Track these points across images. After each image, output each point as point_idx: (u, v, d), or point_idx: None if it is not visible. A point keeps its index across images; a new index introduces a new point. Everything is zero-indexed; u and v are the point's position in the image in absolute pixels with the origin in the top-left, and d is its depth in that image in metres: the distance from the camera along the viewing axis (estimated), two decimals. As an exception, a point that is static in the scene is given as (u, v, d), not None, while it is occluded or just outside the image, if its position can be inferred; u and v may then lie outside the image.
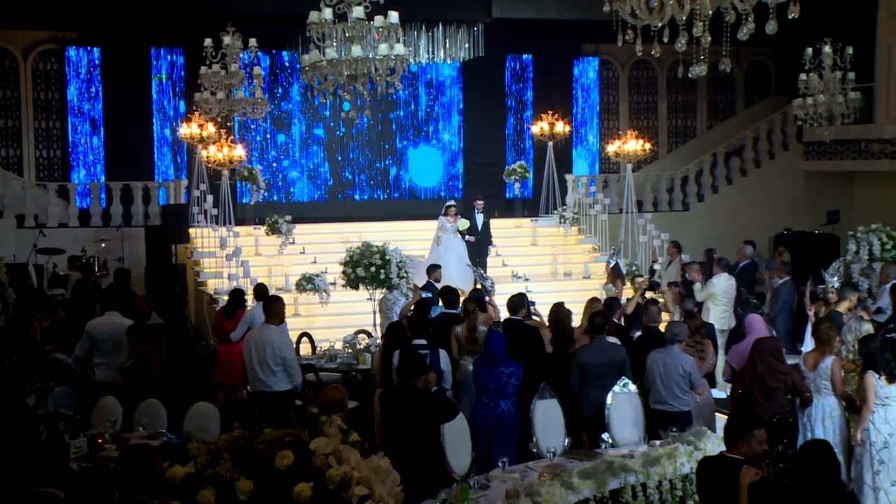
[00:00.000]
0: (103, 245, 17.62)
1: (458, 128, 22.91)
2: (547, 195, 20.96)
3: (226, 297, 16.05)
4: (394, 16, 9.14)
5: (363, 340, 12.77)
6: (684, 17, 6.88)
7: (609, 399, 9.04)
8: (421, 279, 14.07)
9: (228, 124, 15.88)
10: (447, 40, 20.08)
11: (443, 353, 9.53)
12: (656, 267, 13.49)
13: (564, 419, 9.09)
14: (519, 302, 10.87)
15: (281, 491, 3.25)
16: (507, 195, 22.24)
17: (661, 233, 18.40)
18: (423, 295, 11.97)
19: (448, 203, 17.53)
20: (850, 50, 15.11)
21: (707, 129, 24.46)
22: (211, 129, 16.84)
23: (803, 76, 15.28)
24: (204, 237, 17.68)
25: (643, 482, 7.76)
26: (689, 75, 7.38)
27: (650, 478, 7.76)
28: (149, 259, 17.39)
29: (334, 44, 9.00)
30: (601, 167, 23.60)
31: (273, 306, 9.61)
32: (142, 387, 9.35)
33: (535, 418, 8.86)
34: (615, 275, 15.38)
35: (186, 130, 17.40)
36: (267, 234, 17.36)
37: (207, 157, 16.79)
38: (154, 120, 20.43)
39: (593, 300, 11.42)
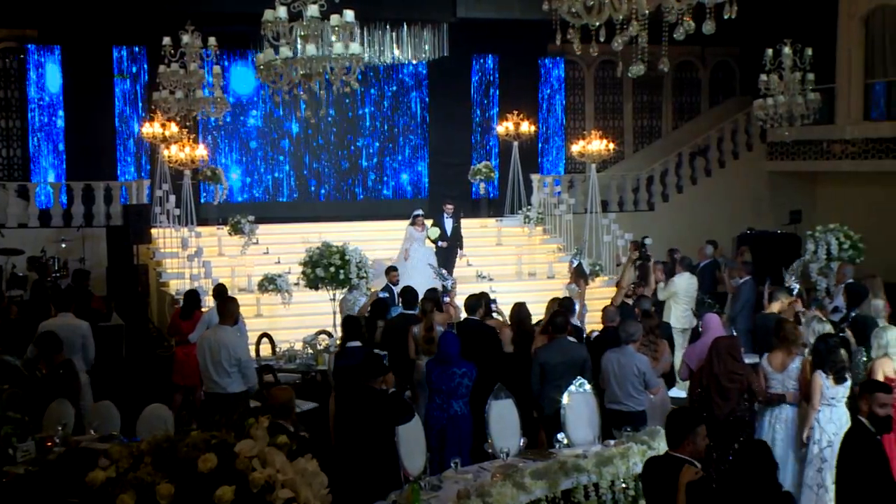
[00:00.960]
0: (63, 245, 17.44)
1: (425, 128, 22.87)
2: (512, 195, 20.98)
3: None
4: (349, 14, 9.09)
5: (323, 341, 12.71)
6: (621, 17, 6.84)
7: (565, 399, 9.02)
8: (382, 281, 14.03)
9: (188, 123, 15.70)
10: (413, 40, 20.03)
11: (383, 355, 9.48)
12: (648, 241, 13.65)
13: (521, 419, 9.07)
14: (476, 302, 10.85)
15: (203, 495, 3.20)
16: (474, 195, 22.22)
17: (624, 232, 18.44)
18: (381, 296, 11.92)
19: (416, 212, 17.28)
20: (809, 51, 15.23)
21: (672, 129, 24.57)
22: (174, 128, 16.72)
23: (764, 77, 15.38)
24: (166, 237, 17.54)
25: (595, 482, 7.76)
26: (629, 74, 7.32)
27: (603, 478, 7.75)
28: (110, 259, 17.16)
29: (288, 43, 8.95)
30: (567, 167, 23.64)
31: (227, 307, 9.52)
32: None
33: (491, 418, 8.82)
34: (578, 274, 15.38)
35: (149, 130, 17.27)
36: (230, 234, 17.25)
37: (169, 156, 16.64)
38: (116, 119, 20.24)
39: (554, 300, 11.41)
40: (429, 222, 17.34)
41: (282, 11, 8.79)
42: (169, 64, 12.84)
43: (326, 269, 12.13)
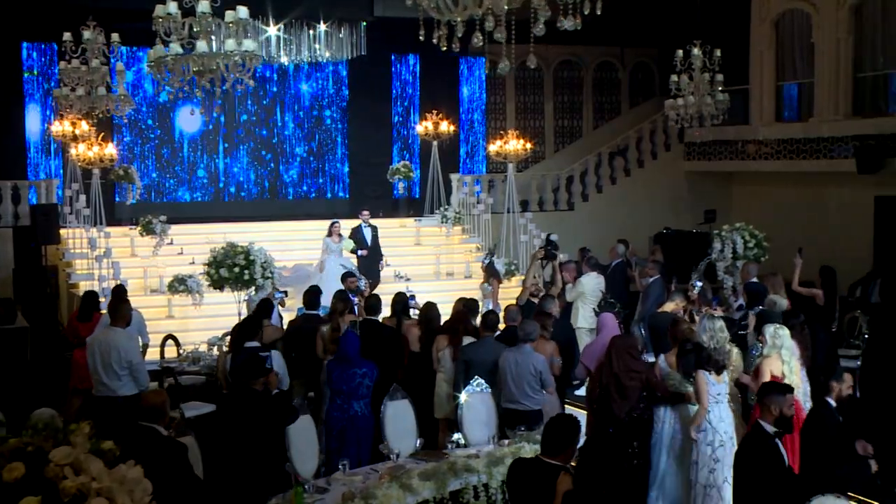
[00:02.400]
0: (-34, 246, 16.98)
1: (344, 127, 22.72)
2: (432, 195, 20.93)
3: (101, 300, 15.69)
4: (243, 10, 8.94)
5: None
6: (481, 13, 6.81)
7: (462, 398, 8.99)
8: (303, 286, 13.77)
9: (98, 121, 15.34)
10: (330, 39, 19.85)
11: (276, 355, 9.35)
12: (554, 237, 13.61)
13: (420, 419, 9.01)
14: (377, 302, 10.77)
15: (8, 505, 3.06)
16: (395, 195, 22.12)
17: (541, 232, 18.47)
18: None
19: (333, 221, 16.89)
20: (717, 52, 15.38)
21: (593, 129, 24.71)
22: (84, 126, 16.37)
23: (674, 77, 15.52)
24: (76, 238, 17.18)
25: (486, 482, 7.71)
26: (498, 71, 7.29)
27: (493, 478, 7.72)
28: (17, 261, 16.75)
29: (181, 39, 8.77)
30: (489, 167, 23.65)
31: (119, 308, 9.33)
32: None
33: (386, 419, 8.75)
34: (490, 273, 15.39)
35: (58, 128, 16.88)
36: (141, 234, 16.92)
37: (77, 155, 16.27)
38: (25, 117, 19.78)
39: (460, 300, 11.39)
40: (346, 231, 16.99)
41: (172, 7, 8.61)
42: (70, 60, 12.54)
43: (230, 269, 11.92)
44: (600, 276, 14.50)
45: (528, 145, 19.20)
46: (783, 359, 8.72)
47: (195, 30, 8.76)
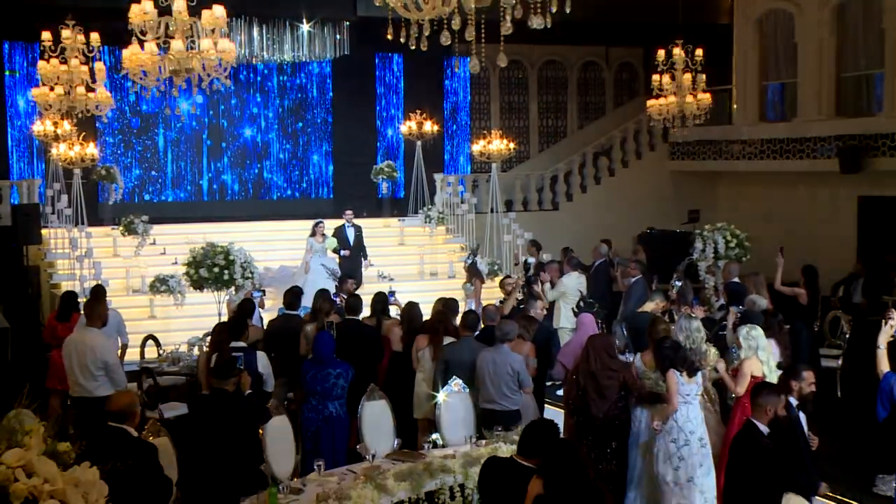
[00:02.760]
0: (-55, 247, 16.84)
1: (329, 127, 22.68)
2: (416, 195, 20.90)
3: (82, 300, 15.61)
4: (219, 10, 8.89)
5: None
6: (448, 11, 6.77)
7: (441, 398, 8.96)
8: (287, 286, 13.71)
9: (81, 120, 15.25)
10: (313, 38, 19.80)
11: (261, 356, 9.30)
12: (531, 261, 13.52)
13: (399, 420, 8.99)
14: (356, 302, 10.73)
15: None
16: (380, 195, 22.06)
17: (524, 232, 18.47)
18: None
19: (317, 221, 16.81)
20: (699, 52, 15.37)
21: (578, 129, 24.71)
22: (67, 126, 16.27)
23: (656, 77, 15.50)
24: (57, 238, 17.10)
25: (462, 483, 7.68)
26: (471, 69, 7.26)
27: (469, 478, 7.68)
28: (-1, 261, 16.66)
29: (157, 38, 8.72)
30: (474, 167, 23.63)
31: (95, 308, 9.27)
32: None
33: (364, 420, 8.72)
34: (472, 273, 15.37)
35: (39, 128, 16.77)
36: (123, 234, 16.87)
37: (58, 155, 16.18)
38: (7, 116, 19.68)
39: (439, 300, 11.36)
40: (329, 231, 16.93)
41: (147, 6, 8.56)
42: (49, 60, 12.46)
43: (210, 269, 11.86)
44: (582, 276, 14.49)
45: (512, 145, 19.20)
46: (761, 359, 8.71)
47: (171, 28, 8.70)
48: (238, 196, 22.29)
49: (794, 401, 7.50)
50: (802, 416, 7.57)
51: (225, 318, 13.08)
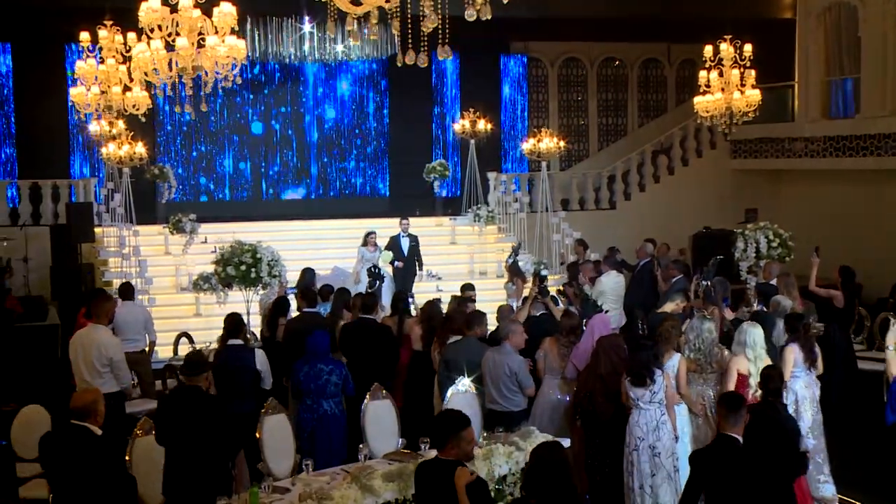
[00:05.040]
0: (5, 244, 17.26)
1: (384, 126, 22.69)
2: (470, 194, 20.75)
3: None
4: (228, 7, 8.86)
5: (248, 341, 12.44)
6: (388, 4, 6.62)
7: (447, 398, 8.83)
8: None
9: (125, 120, 15.47)
10: (365, 37, 19.75)
11: (259, 353, 9.25)
12: (544, 272, 13.17)
13: (400, 419, 8.89)
14: (372, 300, 10.64)
15: None
16: (437, 193, 21.94)
17: (573, 231, 18.21)
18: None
19: (368, 232, 16.53)
20: (748, 47, 14.90)
21: (638, 127, 24.30)
22: (121, 125, 16.52)
23: (703, 74, 15.09)
24: (110, 237, 17.42)
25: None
26: (409, 62, 7.09)
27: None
28: (54, 259, 17.01)
29: (167, 35, 8.73)
30: (533, 166, 23.38)
31: (101, 305, 9.34)
32: None
33: (366, 420, 8.63)
34: (514, 272, 15.15)
35: (95, 128, 17.07)
36: (171, 232, 17.07)
37: (108, 154, 16.45)
38: (70, 117, 20.11)
39: (454, 298, 11.23)
40: (382, 242, 16.62)
41: (154, 2, 8.57)
42: (86, 60, 12.61)
43: (237, 267, 11.88)
44: (620, 276, 14.16)
45: (563, 143, 18.92)
46: (748, 357, 8.42)
47: (179, 25, 8.71)
48: (294, 195, 22.43)
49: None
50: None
51: (255, 317, 13.18)
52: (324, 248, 18.69)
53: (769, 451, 6.48)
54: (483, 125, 20.55)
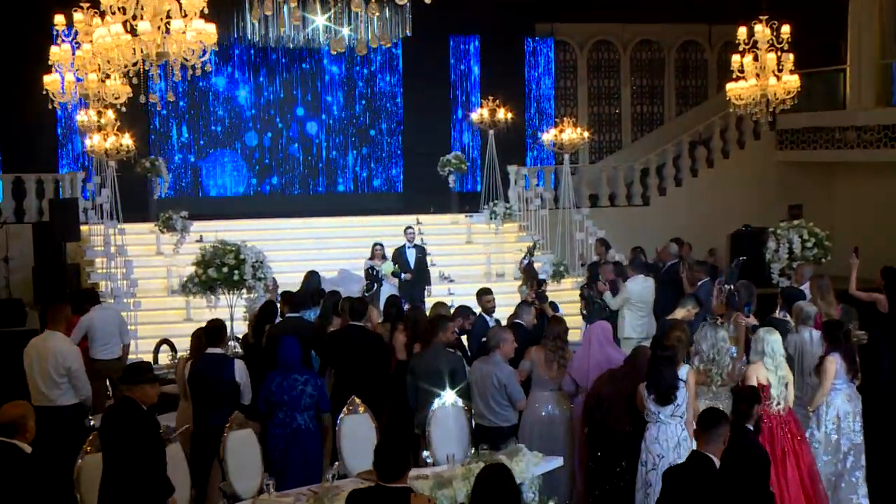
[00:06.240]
0: (-17, 242, 17.47)
1: (398, 116, 22.71)
2: (489, 189, 20.67)
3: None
4: (198, -12, 8.89)
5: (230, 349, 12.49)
6: None
7: (430, 413, 8.80)
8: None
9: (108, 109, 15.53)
10: (377, 21, 19.76)
11: (238, 364, 9.24)
12: (543, 276, 13.06)
13: (379, 435, 8.84)
14: (361, 307, 10.60)
15: None
16: (455, 188, 21.85)
17: (597, 229, 18.12)
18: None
19: (375, 243, 16.24)
20: (786, 28, 14.72)
21: (676, 115, 24.14)
22: (110, 115, 16.61)
23: (736, 58, 14.92)
24: (97, 235, 17.52)
25: (428, 507, 7.48)
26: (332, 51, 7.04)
27: (438, 502, 7.47)
28: (37, 258, 17.15)
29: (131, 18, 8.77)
30: (558, 158, 23.28)
31: (58, 311, 9.39)
32: None
33: (342, 435, 8.61)
34: (529, 275, 15.09)
35: (83, 118, 17.18)
36: (161, 230, 17.15)
37: (92, 146, 16.54)
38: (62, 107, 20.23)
39: (438, 304, 11.19)
40: (389, 250, 16.34)
41: (116, -17, 8.61)
42: (60, 45, 12.68)
43: (219, 269, 11.93)
44: (649, 279, 13.98)
45: (587, 134, 18.81)
46: (766, 366, 8.31)
47: (143, 8, 8.74)
48: (300, 191, 22.50)
49: (750, 427, 7.10)
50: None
51: (240, 324, 13.24)
52: (330, 247, 18.69)
53: (741, 482, 6.41)
54: (503, 114, 20.44)
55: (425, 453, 8.68)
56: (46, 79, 13.16)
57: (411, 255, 16.45)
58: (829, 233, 13.72)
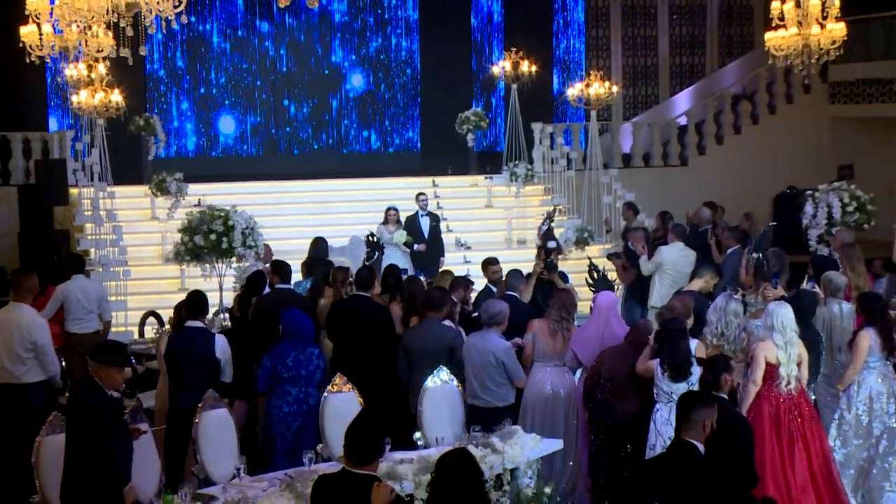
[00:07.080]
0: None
1: (416, 70, 22.62)
2: (512, 148, 20.52)
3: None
4: (168, -67, 8.85)
5: (218, 322, 12.52)
6: None
7: (422, 392, 8.78)
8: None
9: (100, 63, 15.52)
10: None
11: (219, 339, 9.24)
12: (552, 244, 12.92)
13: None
14: (369, 275, 10.57)
15: None
16: (476, 148, 21.67)
17: (626, 192, 17.99)
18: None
19: (388, 207, 16.18)
20: (831, -29, 14.46)
21: (718, 67, 23.87)
22: (102, 70, 16.59)
23: (776, 5, 14.68)
24: (87, 199, 17.56)
25: (411, 493, 7.48)
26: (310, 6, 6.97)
27: (420, 487, 7.46)
28: (23, 224, 17.22)
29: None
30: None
31: (23, 281, 9.42)
32: None
33: (325, 415, 8.59)
34: (544, 242, 14.97)
35: (72, 72, 17.17)
36: (154, 194, 17.18)
37: (78, 102, 16.53)
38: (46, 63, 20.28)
39: (444, 272, 11.13)
40: (404, 214, 16.27)
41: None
42: (40, -5, 12.62)
43: (206, 236, 11.91)
44: (687, 249, 13.73)
45: (615, 88, 18.62)
46: (776, 342, 8.21)
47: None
48: (312, 150, 22.49)
49: (724, 396, 7.09)
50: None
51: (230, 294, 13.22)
52: (340, 211, 18.64)
53: (720, 459, 6.35)
54: (527, 67, 20.23)
55: (416, 434, 8.65)
56: (23, 30, 13.12)
57: (425, 223, 16.34)
58: (872, 196, 13.49)
